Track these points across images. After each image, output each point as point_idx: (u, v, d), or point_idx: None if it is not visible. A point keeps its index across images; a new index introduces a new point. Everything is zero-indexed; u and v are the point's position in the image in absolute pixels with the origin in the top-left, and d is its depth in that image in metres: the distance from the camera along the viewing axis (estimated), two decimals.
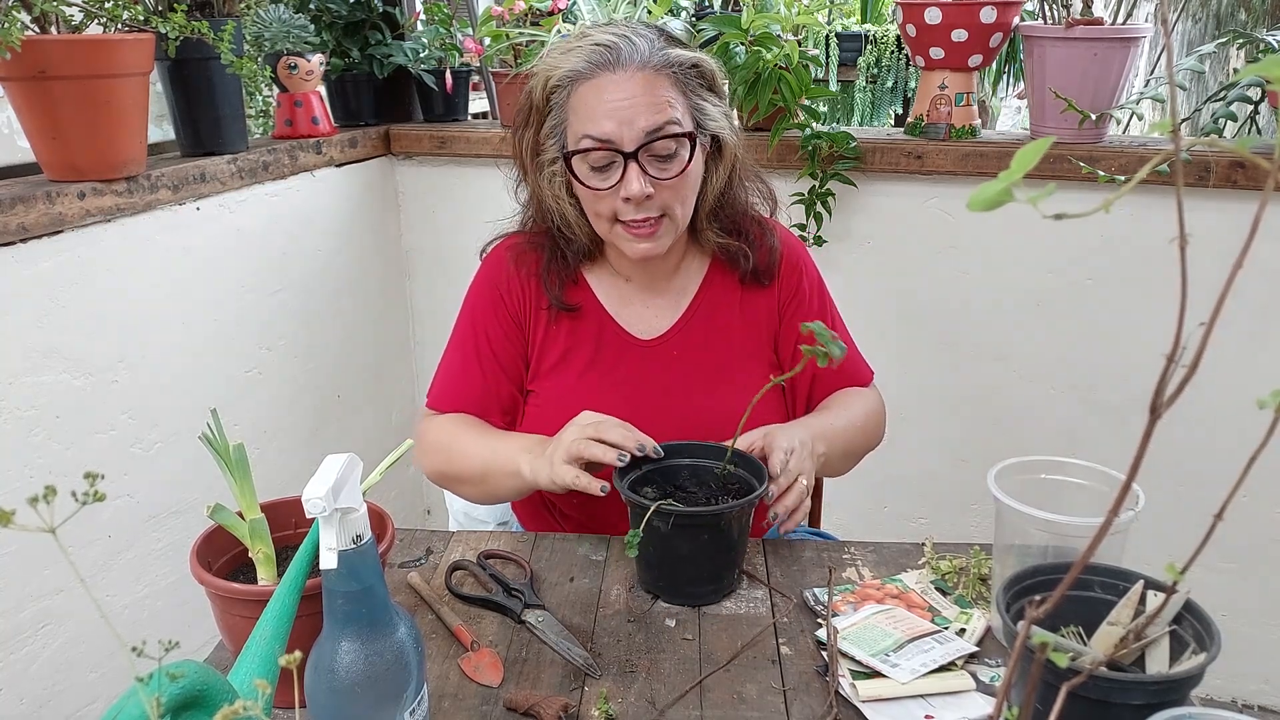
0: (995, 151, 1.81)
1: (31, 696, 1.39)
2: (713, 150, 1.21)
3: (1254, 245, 0.37)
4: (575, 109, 1.13)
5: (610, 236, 1.18)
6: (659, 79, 1.12)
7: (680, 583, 1.02)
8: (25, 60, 1.25)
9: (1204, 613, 0.73)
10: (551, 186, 1.20)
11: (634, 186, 1.10)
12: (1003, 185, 0.35)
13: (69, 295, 1.41)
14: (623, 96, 1.10)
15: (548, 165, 1.19)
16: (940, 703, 0.86)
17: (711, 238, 1.25)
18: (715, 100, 1.19)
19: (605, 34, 1.14)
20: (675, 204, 1.15)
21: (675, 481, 1.08)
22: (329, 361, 2.05)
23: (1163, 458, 1.69)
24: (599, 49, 1.13)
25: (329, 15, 2.05)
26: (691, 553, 1.00)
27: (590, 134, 1.11)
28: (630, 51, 1.12)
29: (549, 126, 1.17)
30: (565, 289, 1.25)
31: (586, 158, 1.12)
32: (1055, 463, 0.96)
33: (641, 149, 1.10)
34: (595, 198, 1.14)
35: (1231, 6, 3.32)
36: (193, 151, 1.70)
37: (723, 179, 1.22)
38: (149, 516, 1.57)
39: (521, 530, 1.39)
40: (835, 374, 1.30)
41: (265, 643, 0.74)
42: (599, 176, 1.13)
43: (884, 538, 1.18)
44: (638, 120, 1.10)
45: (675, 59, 1.14)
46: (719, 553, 1.01)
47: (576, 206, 1.21)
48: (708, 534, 0.99)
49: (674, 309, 1.27)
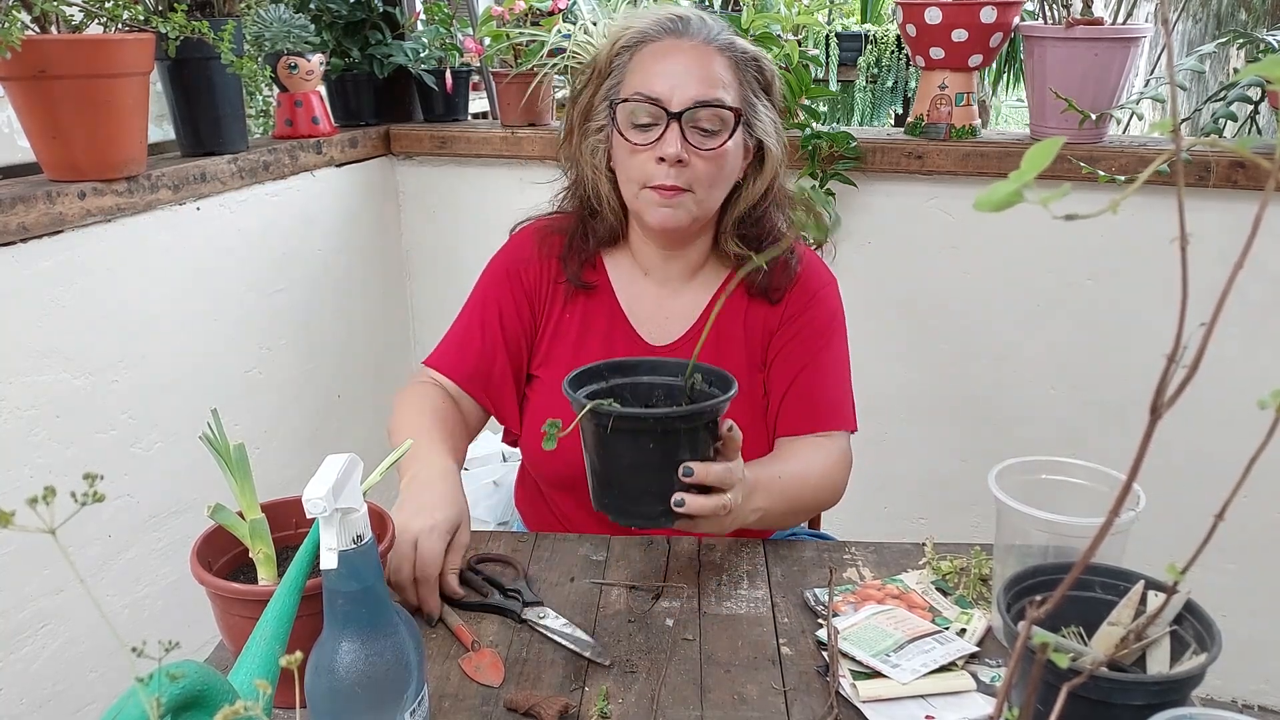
0: (995, 151, 1.81)
1: (31, 696, 1.39)
2: (755, 160, 1.22)
3: (1254, 245, 0.37)
4: (635, 68, 1.17)
5: (636, 203, 1.19)
6: (720, 58, 1.16)
7: (626, 500, 0.96)
8: (25, 60, 1.25)
9: (1205, 613, 0.73)
10: (593, 156, 1.22)
11: (670, 147, 1.12)
12: (1014, 186, 0.35)
13: (69, 295, 1.41)
14: (681, 62, 1.14)
15: (594, 132, 1.22)
16: (941, 703, 0.85)
17: (731, 246, 1.24)
18: (767, 104, 1.21)
19: (680, 9, 1.20)
20: (704, 182, 1.16)
21: (648, 400, 1.01)
22: (329, 361, 2.05)
23: (1163, 458, 1.69)
24: (671, 18, 1.18)
25: (329, 15, 2.05)
26: (635, 463, 0.93)
27: (641, 90, 1.14)
28: (700, 26, 1.17)
29: (605, 88, 1.20)
30: (584, 269, 1.26)
31: (632, 112, 1.15)
32: (1056, 463, 0.95)
33: (686, 113, 1.12)
34: (630, 153, 1.15)
35: (1231, 6, 3.32)
36: (193, 151, 1.70)
37: (759, 191, 1.22)
38: (149, 516, 1.57)
39: (522, 530, 1.39)
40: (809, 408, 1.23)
41: (265, 643, 0.74)
42: (640, 132, 1.15)
43: (884, 538, 1.18)
44: (689, 87, 1.13)
45: (740, 46, 1.19)
46: (666, 465, 0.93)
47: (611, 180, 1.22)
48: (653, 442, 0.92)
49: (687, 317, 1.27)
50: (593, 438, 0.94)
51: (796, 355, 1.24)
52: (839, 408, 1.25)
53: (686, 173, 1.14)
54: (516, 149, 2.11)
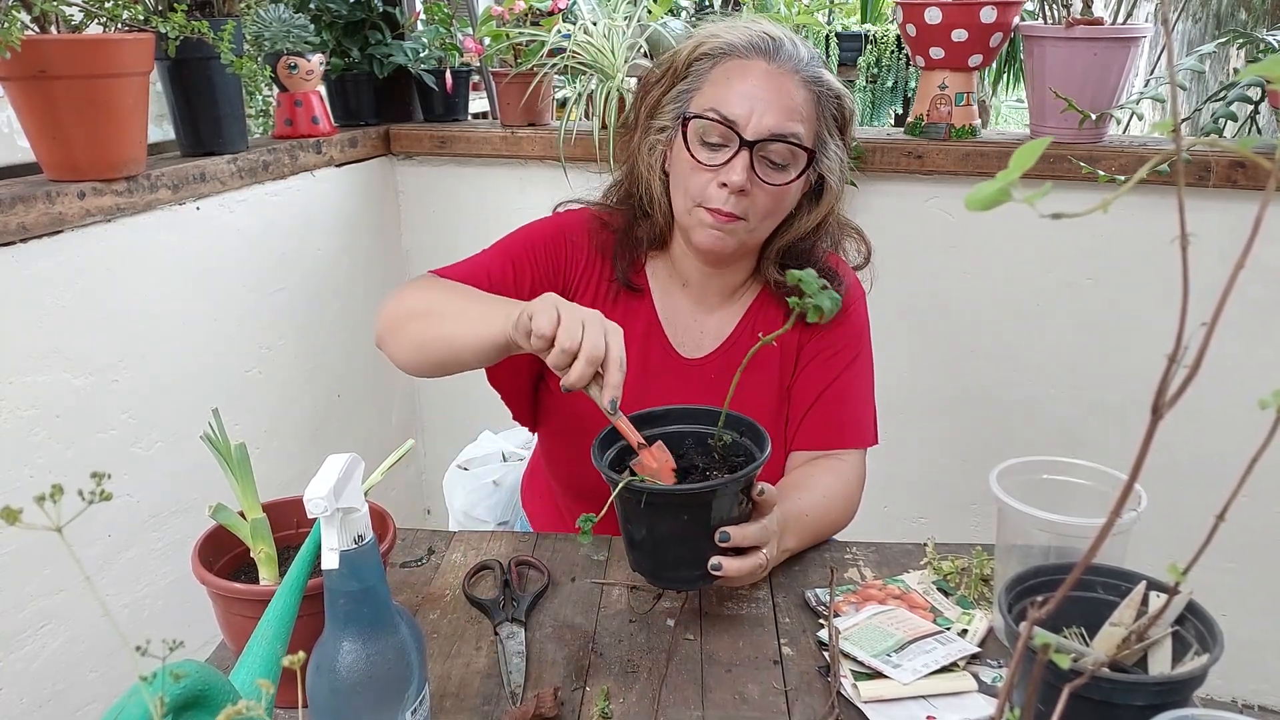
0: (995, 151, 1.81)
1: (32, 696, 1.39)
2: (812, 192, 1.18)
3: (1254, 245, 0.37)
4: (715, 80, 1.12)
5: (687, 219, 1.15)
6: (804, 90, 1.11)
7: (662, 566, 0.95)
8: (25, 60, 1.25)
9: (1206, 614, 0.73)
10: (651, 155, 1.18)
11: (736, 176, 1.08)
12: (1000, 185, 0.35)
13: (69, 295, 1.41)
14: (764, 87, 1.09)
15: (655, 131, 1.18)
16: (942, 704, 0.86)
17: (773, 274, 1.21)
18: (839, 143, 1.17)
19: (774, 28, 1.14)
20: (759, 213, 1.12)
21: (678, 450, 0.98)
22: (329, 361, 2.05)
23: (1164, 458, 1.69)
24: (765, 36, 1.12)
25: (329, 15, 2.05)
26: (671, 533, 0.92)
27: (719, 109, 1.09)
28: (791, 52, 1.12)
29: (677, 91, 1.15)
30: (631, 271, 1.22)
31: (704, 129, 1.10)
32: (1057, 463, 0.95)
33: (759, 144, 1.09)
34: (692, 170, 1.11)
35: (1231, 6, 3.32)
36: (193, 151, 1.70)
37: (810, 224, 1.20)
38: (149, 516, 1.57)
39: (524, 530, 1.39)
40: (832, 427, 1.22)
41: (267, 642, 0.74)
42: (706, 151, 1.11)
43: (885, 538, 1.18)
44: (768, 116, 1.08)
45: (826, 81, 1.14)
46: (701, 534, 0.92)
47: (664, 183, 1.19)
48: (687, 514, 0.91)
49: (719, 333, 1.24)
50: (626, 507, 0.93)
51: (823, 371, 1.22)
52: (861, 425, 1.24)
53: (744, 202, 1.10)
54: (516, 149, 2.11)
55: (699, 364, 1.23)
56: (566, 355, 0.89)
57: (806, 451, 1.22)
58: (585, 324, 0.90)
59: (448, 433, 2.34)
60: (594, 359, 0.89)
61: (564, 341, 0.89)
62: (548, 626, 1.00)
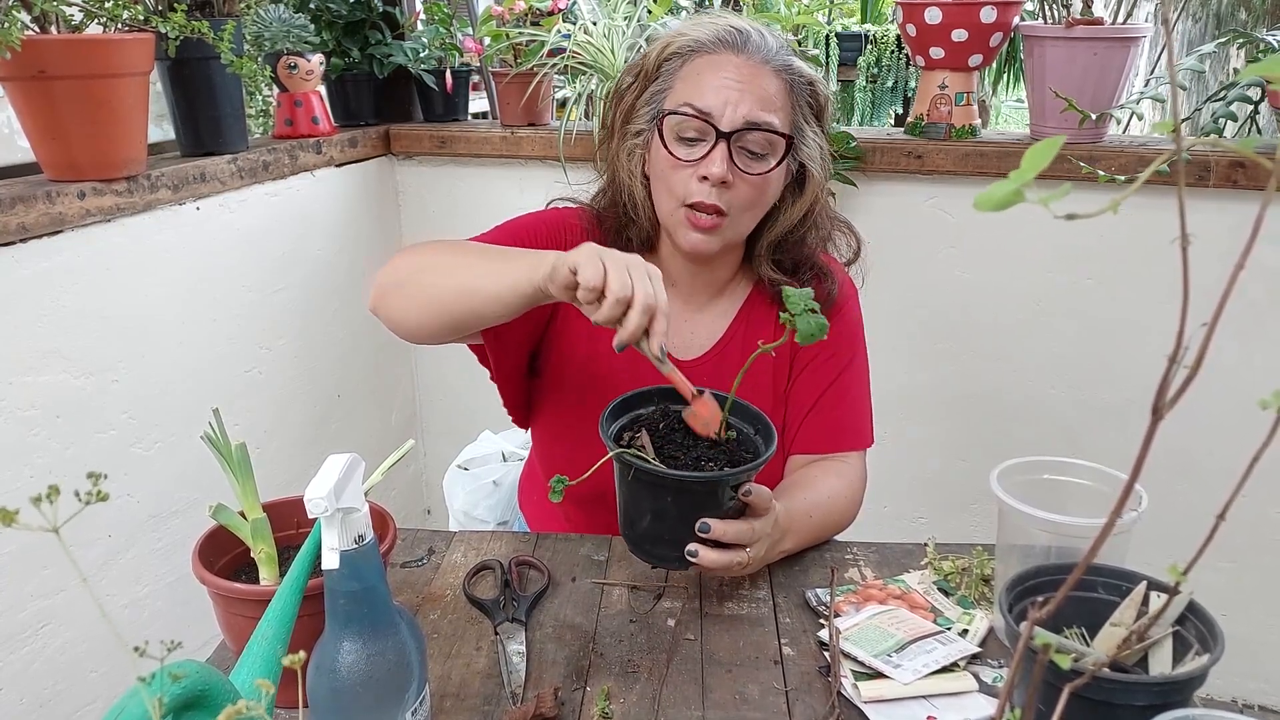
0: (995, 151, 1.81)
1: (32, 696, 1.39)
2: (794, 183, 1.18)
3: (1254, 245, 0.37)
4: (685, 78, 1.12)
5: (670, 220, 1.15)
6: (776, 79, 1.11)
7: (646, 540, 0.95)
8: (25, 60, 1.25)
9: (1207, 614, 0.73)
10: (630, 160, 1.18)
11: (716, 168, 1.07)
12: (1014, 186, 0.35)
13: (69, 295, 1.41)
14: (736, 79, 1.09)
15: (632, 135, 1.17)
16: (943, 704, 0.85)
17: (766, 271, 1.21)
18: (816, 130, 1.17)
19: (740, 21, 1.14)
20: (742, 207, 1.12)
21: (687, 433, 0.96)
22: (329, 361, 2.05)
23: (1164, 458, 1.69)
24: (731, 30, 1.12)
25: (329, 15, 2.05)
26: (655, 510, 0.92)
27: (693, 103, 1.09)
28: (759, 43, 1.12)
29: (650, 93, 1.15)
30: None
31: (679, 125, 1.10)
32: (1057, 463, 0.95)
33: (736, 135, 1.08)
34: (672, 167, 1.11)
35: (1231, 6, 3.32)
36: (193, 151, 1.70)
37: (796, 215, 1.19)
38: (149, 516, 1.57)
39: (523, 530, 1.39)
40: (831, 430, 1.22)
41: (267, 643, 0.74)
42: (684, 147, 1.10)
43: (886, 538, 1.18)
44: (742, 106, 1.08)
45: (797, 69, 1.14)
46: (682, 520, 0.92)
47: (646, 188, 1.18)
48: (671, 496, 0.91)
49: (711, 333, 1.24)
50: (619, 477, 0.93)
51: (820, 374, 1.22)
52: (859, 427, 1.24)
53: (727, 194, 1.10)
54: (516, 149, 2.11)
55: (692, 366, 1.23)
56: (620, 305, 0.86)
57: (806, 455, 1.22)
58: (631, 271, 0.87)
59: (448, 433, 2.34)
60: (649, 308, 0.86)
61: (618, 291, 0.85)
62: (548, 627, 1.00)
